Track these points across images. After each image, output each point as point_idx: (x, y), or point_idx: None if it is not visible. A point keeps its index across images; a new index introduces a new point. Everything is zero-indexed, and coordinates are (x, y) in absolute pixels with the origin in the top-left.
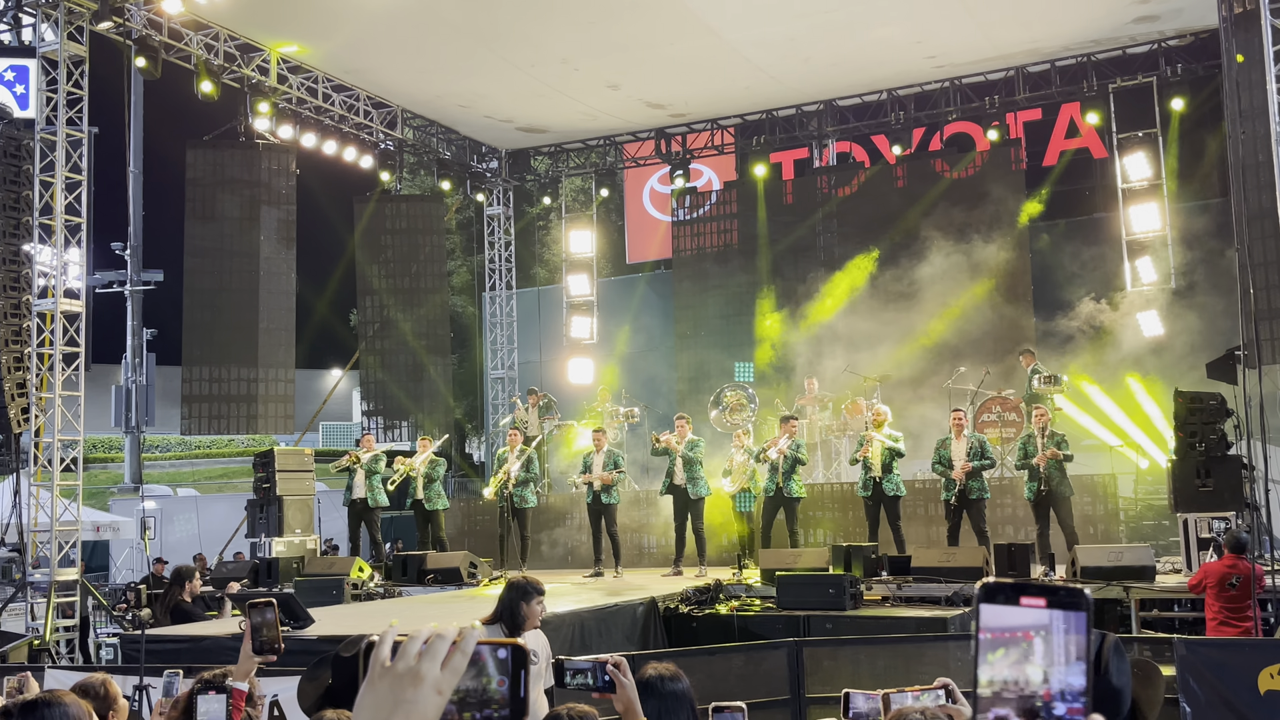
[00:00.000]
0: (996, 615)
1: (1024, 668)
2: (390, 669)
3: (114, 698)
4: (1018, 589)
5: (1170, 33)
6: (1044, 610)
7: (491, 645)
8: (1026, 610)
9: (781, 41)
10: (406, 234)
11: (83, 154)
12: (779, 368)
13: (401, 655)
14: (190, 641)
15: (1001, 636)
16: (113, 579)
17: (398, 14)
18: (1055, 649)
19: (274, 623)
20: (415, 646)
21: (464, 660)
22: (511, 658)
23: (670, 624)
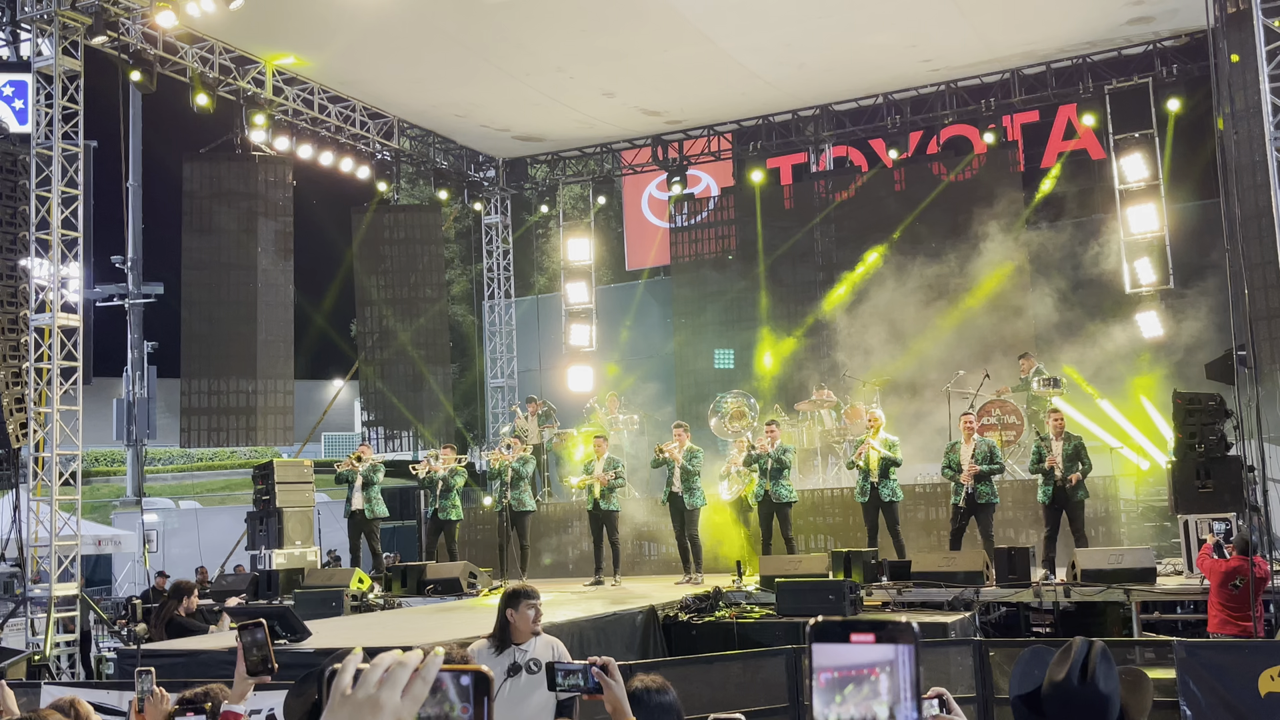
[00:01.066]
0: (830, 654)
1: (871, 704)
2: (350, 697)
3: (85, 716)
4: (847, 626)
5: (1165, 34)
6: (874, 645)
7: (454, 672)
8: (858, 647)
9: (776, 47)
10: (405, 244)
11: (79, 168)
12: (778, 373)
13: (362, 683)
14: (186, 656)
15: (849, 674)
16: (115, 592)
17: (393, 24)
18: (899, 683)
19: (265, 642)
20: (376, 674)
21: (425, 688)
22: (474, 684)
23: (670, 632)
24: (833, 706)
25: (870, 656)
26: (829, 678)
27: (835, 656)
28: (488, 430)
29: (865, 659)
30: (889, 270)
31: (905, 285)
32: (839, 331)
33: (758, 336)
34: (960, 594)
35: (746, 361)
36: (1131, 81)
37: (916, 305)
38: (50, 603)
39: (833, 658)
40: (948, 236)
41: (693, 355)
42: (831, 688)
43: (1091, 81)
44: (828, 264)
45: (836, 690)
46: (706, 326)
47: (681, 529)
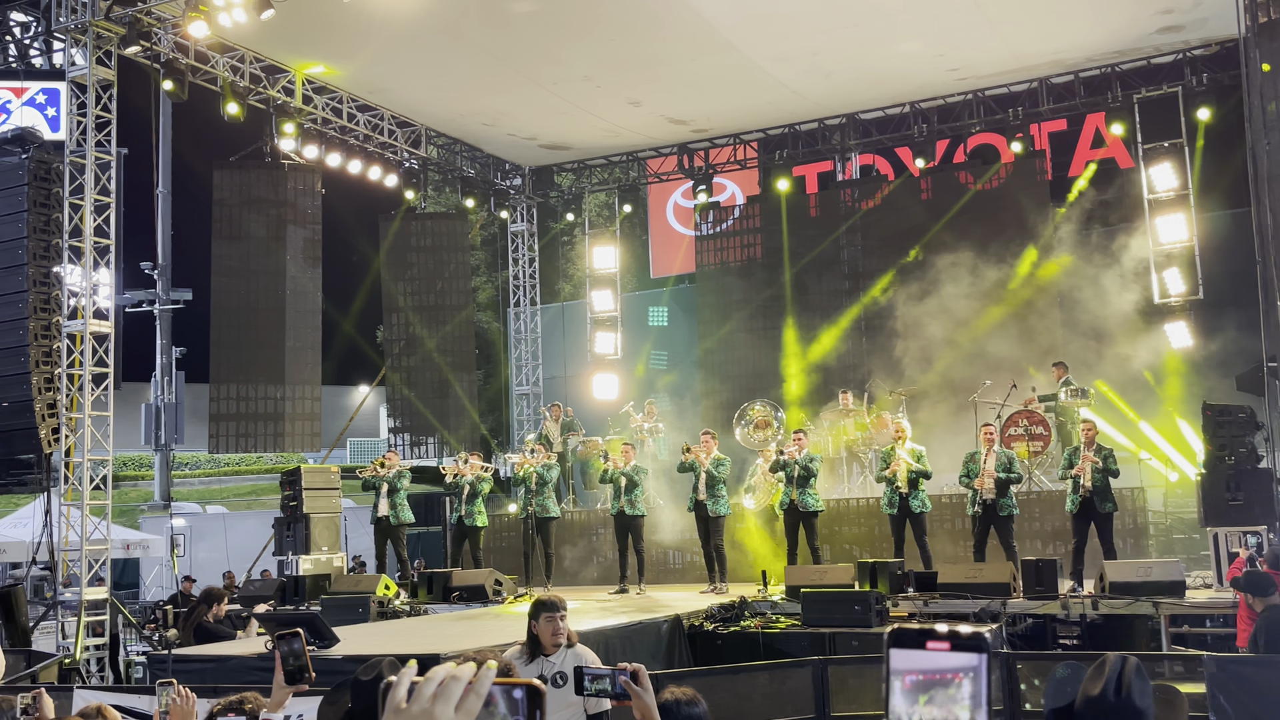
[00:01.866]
0: (909, 659)
1: (952, 708)
2: (405, 711)
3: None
4: (923, 635)
5: (1195, 42)
6: (949, 653)
7: (507, 686)
8: (934, 654)
9: (803, 56)
10: (431, 251)
11: (111, 176)
12: (804, 382)
13: (416, 697)
14: (216, 661)
15: (934, 679)
16: (143, 597)
17: (421, 34)
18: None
19: (302, 651)
20: (430, 688)
21: (478, 702)
22: (527, 698)
23: (695, 641)
24: (916, 708)
25: (949, 663)
26: (914, 680)
27: (914, 661)
28: (513, 437)
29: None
30: (915, 279)
31: (930, 295)
32: (864, 341)
33: (783, 345)
34: (987, 606)
35: (773, 370)
36: (1161, 90)
37: (942, 315)
38: (80, 606)
39: (912, 663)
40: (974, 246)
41: (718, 363)
42: (915, 690)
43: (1120, 90)
44: (853, 273)
45: (920, 693)
46: (731, 335)
47: (707, 538)
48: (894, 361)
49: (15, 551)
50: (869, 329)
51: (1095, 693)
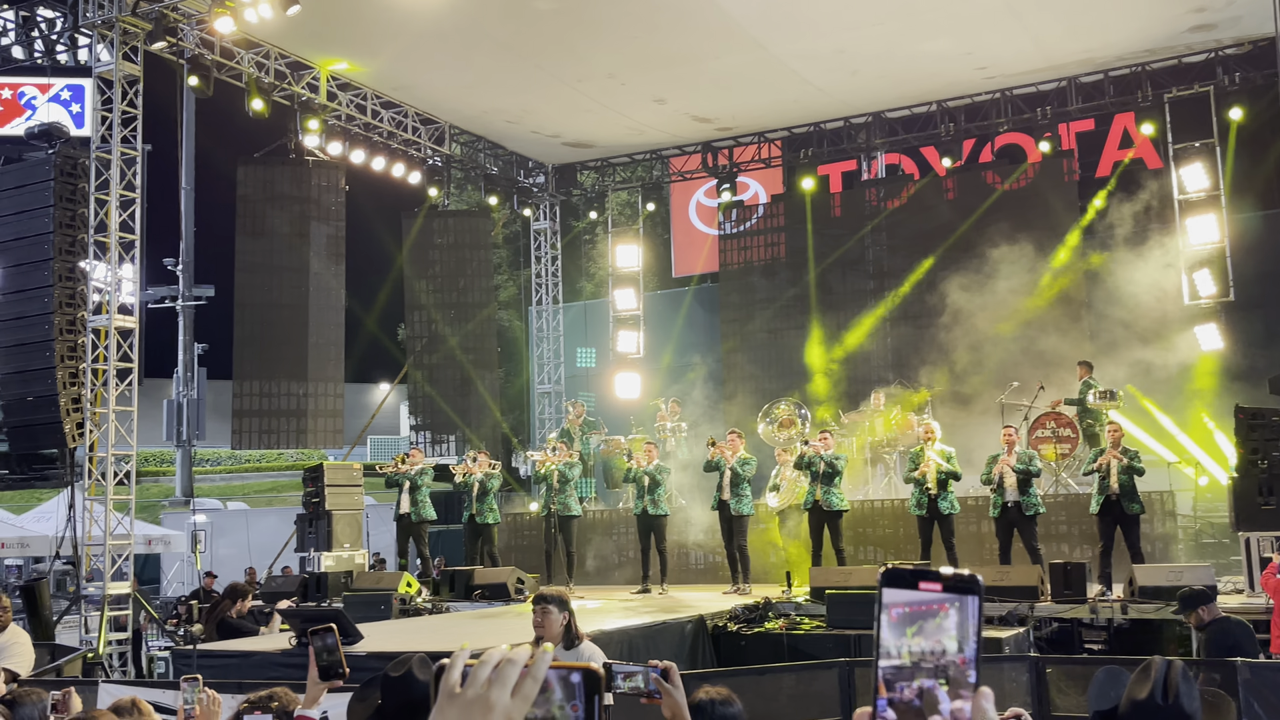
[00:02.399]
0: (900, 595)
1: (939, 638)
2: (459, 695)
3: (146, 715)
4: (916, 575)
5: (1228, 41)
6: (940, 593)
7: (563, 670)
8: (925, 593)
9: (829, 54)
10: (454, 249)
11: (137, 172)
12: (828, 382)
13: (471, 681)
14: (240, 657)
15: (920, 609)
16: (163, 592)
17: (446, 31)
18: (966, 621)
19: (336, 646)
20: (485, 672)
21: (535, 687)
22: (584, 683)
23: (719, 642)
24: (904, 640)
25: (939, 598)
26: (900, 612)
27: (904, 597)
28: (534, 435)
29: (934, 599)
30: (940, 279)
31: (956, 295)
32: (889, 341)
33: (806, 345)
34: (1014, 609)
35: (797, 370)
36: (1192, 90)
37: (968, 316)
38: (104, 601)
39: (905, 598)
40: (1000, 246)
41: (741, 363)
42: (903, 622)
43: (1150, 90)
44: (878, 272)
45: (907, 624)
46: (755, 334)
47: (730, 537)
48: (919, 362)
49: (38, 546)
50: (894, 329)
51: (1143, 696)
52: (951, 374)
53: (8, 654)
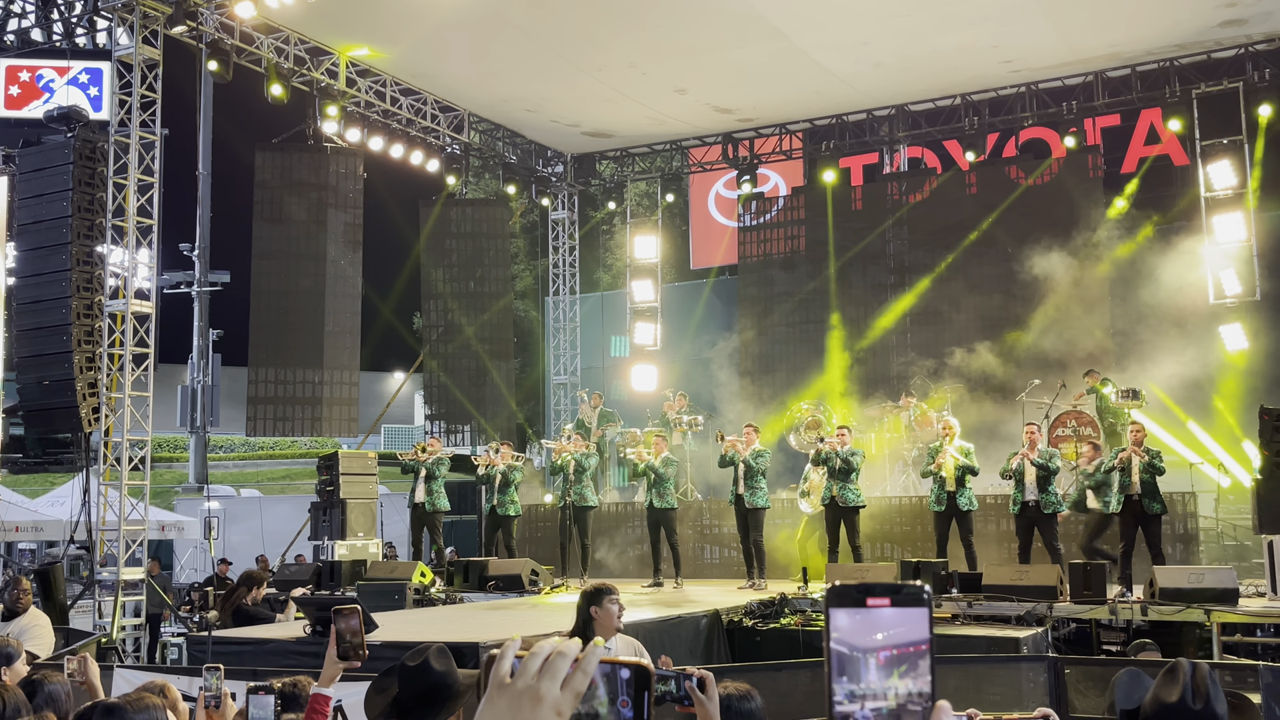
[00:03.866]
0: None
1: (921, 679)
2: (509, 686)
3: (174, 701)
4: (863, 590)
5: (1258, 36)
6: (891, 610)
7: (614, 665)
8: (878, 611)
9: (853, 45)
10: (471, 238)
11: (155, 156)
12: (847, 377)
13: (521, 672)
14: (255, 644)
15: (906, 651)
16: (176, 578)
17: (466, 18)
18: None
19: (359, 629)
20: (535, 664)
21: (585, 680)
22: (635, 679)
23: (734, 637)
24: (891, 682)
25: (907, 630)
26: (888, 655)
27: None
28: (549, 426)
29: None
30: (962, 275)
31: (978, 291)
32: (909, 337)
33: (826, 339)
34: (1032, 608)
35: (816, 363)
36: (1221, 86)
37: (990, 312)
38: (118, 586)
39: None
40: (1024, 242)
41: (760, 355)
42: (890, 664)
43: (1179, 85)
44: (899, 267)
45: (895, 665)
46: (773, 328)
47: (745, 532)
48: (937, 359)
49: (52, 530)
50: (914, 325)
51: (1173, 699)
52: (971, 370)
53: (29, 636)
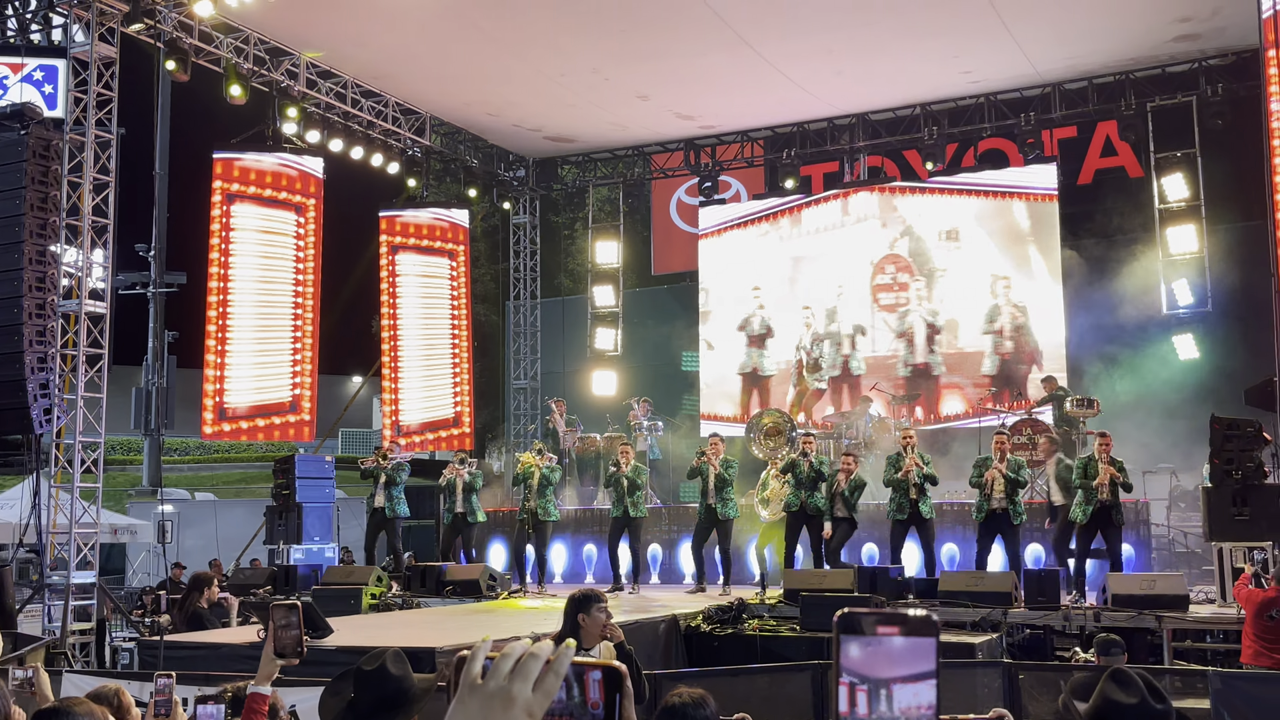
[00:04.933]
0: (861, 648)
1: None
2: (481, 687)
3: (127, 707)
4: (874, 619)
5: (1211, 51)
6: (900, 639)
7: (586, 667)
8: (887, 640)
9: (815, 54)
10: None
11: (111, 155)
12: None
13: (493, 674)
14: (208, 649)
15: (914, 683)
16: (128, 582)
17: (428, 21)
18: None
19: (298, 624)
20: (507, 665)
21: (557, 682)
22: (606, 681)
23: (691, 643)
24: None
25: (917, 660)
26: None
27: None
28: (509, 431)
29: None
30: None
31: (937, 299)
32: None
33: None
34: (987, 615)
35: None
36: (1175, 99)
37: (951, 321)
38: (68, 591)
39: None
40: (980, 252)
41: (718, 362)
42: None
43: (1134, 98)
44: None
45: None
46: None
47: (703, 541)
48: (896, 368)
49: (1, 533)
50: (869, 335)
51: (1133, 701)
52: (926, 379)
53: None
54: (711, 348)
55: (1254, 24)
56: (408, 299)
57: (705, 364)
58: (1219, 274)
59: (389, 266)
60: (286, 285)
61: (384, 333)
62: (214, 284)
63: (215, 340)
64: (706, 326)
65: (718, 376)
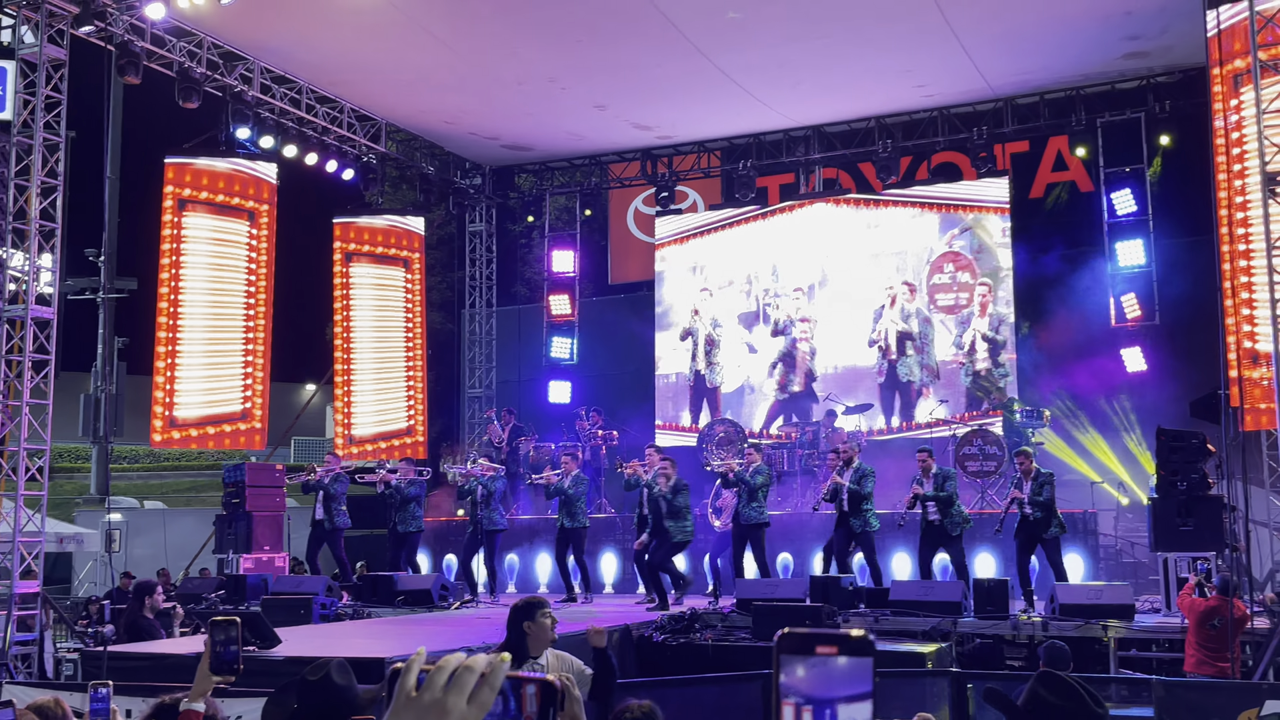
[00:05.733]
0: (800, 667)
1: None
2: (415, 700)
3: (65, 716)
4: (813, 639)
5: (1159, 69)
6: (839, 658)
7: (519, 680)
8: (825, 659)
9: (772, 66)
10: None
11: (60, 159)
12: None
13: (428, 686)
14: (153, 660)
15: (850, 702)
16: (74, 592)
17: (384, 27)
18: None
19: (237, 639)
20: (442, 678)
21: (492, 695)
22: (541, 694)
23: (643, 652)
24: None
25: (853, 681)
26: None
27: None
28: (463, 439)
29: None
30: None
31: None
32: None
33: None
34: (937, 624)
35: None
36: (1124, 115)
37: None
38: (11, 601)
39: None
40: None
41: (672, 371)
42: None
43: (1084, 114)
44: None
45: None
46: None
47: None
48: (852, 380)
49: None
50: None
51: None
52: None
53: None
54: (665, 357)
55: (1201, 43)
56: (362, 306)
57: (660, 373)
58: (1166, 288)
59: (343, 274)
60: (239, 291)
61: (337, 340)
62: (165, 290)
63: (166, 347)
64: (662, 336)
65: (672, 386)
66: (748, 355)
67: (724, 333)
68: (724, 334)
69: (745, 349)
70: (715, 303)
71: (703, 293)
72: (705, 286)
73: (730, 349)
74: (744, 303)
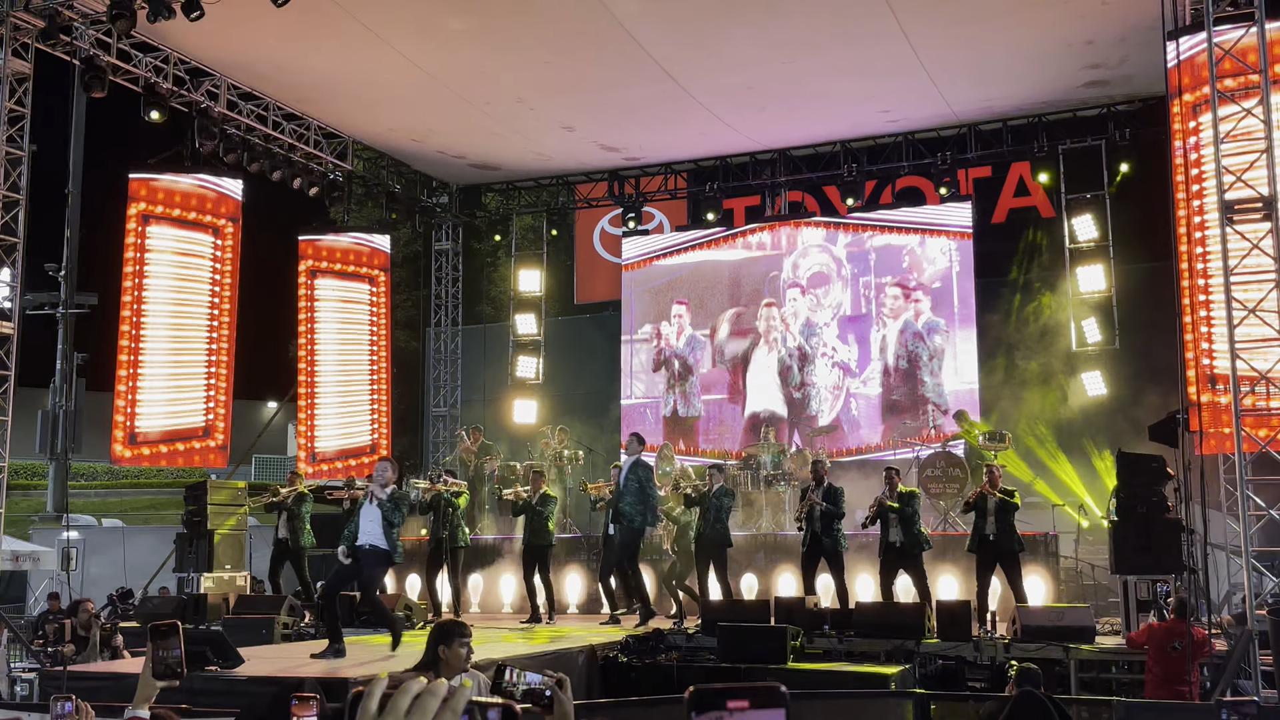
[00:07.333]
0: None
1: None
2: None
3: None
4: (723, 694)
5: (1119, 97)
6: (750, 712)
7: (481, 705)
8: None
9: (738, 89)
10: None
11: (22, 173)
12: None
13: (390, 711)
14: (113, 679)
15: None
16: (29, 611)
17: (352, 45)
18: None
19: (178, 645)
20: (404, 702)
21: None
22: (502, 719)
23: (608, 673)
24: None
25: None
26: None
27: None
28: (427, 459)
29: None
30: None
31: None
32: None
33: None
34: (900, 645)
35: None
36: (1085, 142)
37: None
38: None
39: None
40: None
41: (637, 391)
42: None
43: (1046, 140)
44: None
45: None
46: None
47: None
48: (818, 400)
49: None
50: (787, 369)
51: None
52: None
53: None
54: (631, 377)
55: (1160, 73)
56: (326, 324)
57: (625, 393)
58: (1126, 313)
59: (307, 291)
60: (202, 308)
61: (301, 356)
62: (128, 305)
63: (127, 363)
64: (627, 356)
65: (636, 406)
66: (718, 376)
67: (692, 354)
68: (692, 355)
69: (715, 369)
70: (682, 323)
71: (675, 312)
72: (672, 307)
73: (701, 370)
74: (710, 323)
